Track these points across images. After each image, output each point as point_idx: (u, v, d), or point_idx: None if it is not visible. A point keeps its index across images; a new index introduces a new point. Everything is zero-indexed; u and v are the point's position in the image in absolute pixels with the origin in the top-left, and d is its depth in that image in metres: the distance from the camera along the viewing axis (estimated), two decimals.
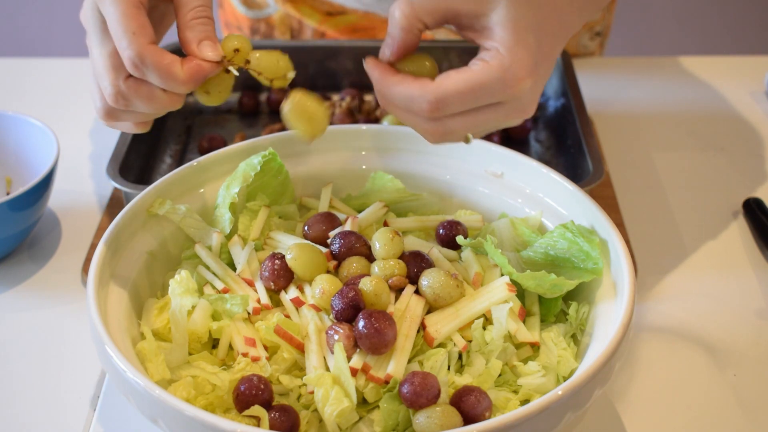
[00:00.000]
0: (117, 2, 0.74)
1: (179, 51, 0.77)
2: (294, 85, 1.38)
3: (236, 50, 0.78)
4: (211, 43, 0.77)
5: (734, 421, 0.87)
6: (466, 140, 0.79)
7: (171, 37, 0.86)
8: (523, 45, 0.74)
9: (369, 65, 0.78)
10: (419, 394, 0.72)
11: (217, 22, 1.57)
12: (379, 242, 0.84)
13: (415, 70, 0.77)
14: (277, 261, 0.83)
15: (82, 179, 1.19)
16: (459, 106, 0.74)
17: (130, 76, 0.76)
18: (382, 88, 0.77)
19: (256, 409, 0.73)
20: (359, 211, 0.93)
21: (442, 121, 0.75)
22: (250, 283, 0.84)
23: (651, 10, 2.96)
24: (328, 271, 0.84)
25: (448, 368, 0.78)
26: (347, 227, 0.87)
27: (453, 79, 0.73)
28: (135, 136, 1.14)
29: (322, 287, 0.80)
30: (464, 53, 1.30)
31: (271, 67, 0.79)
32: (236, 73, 0.78)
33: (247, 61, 0.78)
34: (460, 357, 0.79)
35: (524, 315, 0.82)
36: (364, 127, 0.97)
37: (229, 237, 0.89)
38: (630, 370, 0.91)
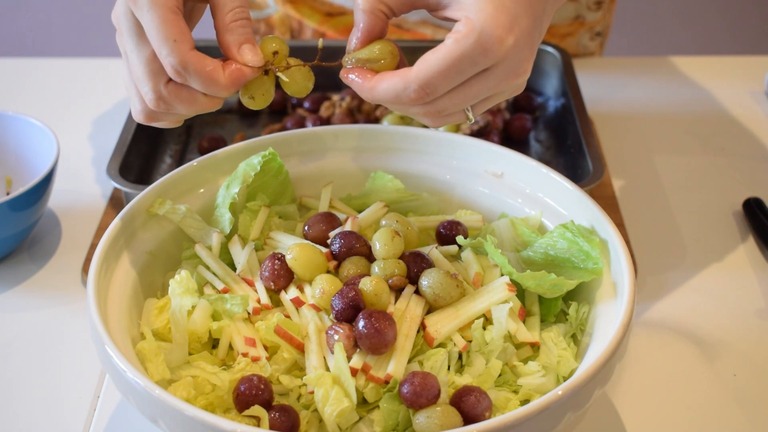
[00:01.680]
0: (155, 8, 0.73)
1: (208, 49, 0.77)
2: None
3: (275, 53, 0.77)
4: (252, 47, 0.76)
5: (734, 421, 0.87)
6: (468, 118, 0.78)
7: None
8: (493, 4, 0.71)
9: (343, 76, 0.76)
10: (419, 394, 0.72)
11: None
12: (379, 242, 0.83)
13: (372, 56, 0.75)
14: (277, 261, 0.83)
15: (82, 179, 1.19)
16: (445, 85, 0.72)
17: (170, 80, 0.75)
18: (365, 93, 0.76)
19: (256, 409, 0.73)
20: (359, 211, 0.93)
21: (434, 103, 0.74)
22: (250, 283, 0.84)
23: (651, 11, 2.96)
24: (328, 271, 0.84)
25: (448, 368, 0.78)
26: (347, 227, 0.87)
27: (430, 61, 0.72)
28: (135, 136, 1.14)
29: (322, 287, 0.80)
30: None
31: (302, 81, 0.79)
32: (284, 78, 0.78)
33: (287, 65, 0.78)
34: (460, 357, 0.79)
35: (524, 315, 0.82)
36: (364, 127, 0.97)
37: (229, 237, 0.89)
38: (630, 370, 0.91)
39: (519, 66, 0.74)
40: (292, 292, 0.83)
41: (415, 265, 0.83)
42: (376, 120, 1.23)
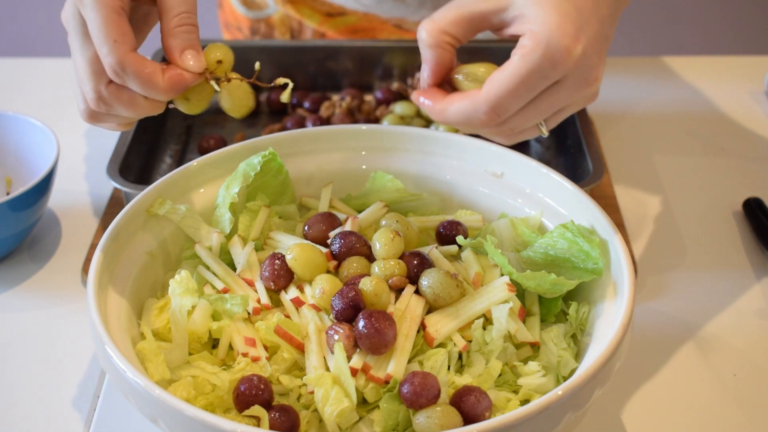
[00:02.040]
0: (98, 8, 0.73)
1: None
2: (296, 85, 1.38)
3: (219, 62, 0.77)
4: (194, 53, 0.76)
5: (734, 421, 0.87)
6: (542, 133, 0.77)
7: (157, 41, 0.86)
8: (557, 13, 0.70)
9: (416, 98, 0.76)
10: (419, 394, 0.72)
11: (217, 22, 1.57)
12: (379, 242, 0.83)
13: (470, 79, 0.75)
14: (277, 261, 0.83)
15: (82, 179, 1.19)
16: (516, 104, 0.71)
17: (111, 81, 0.75)
18: (436, 116, 0.75)
19: (256, 409, 0.73)
20: (359, 211, 0.93)
21: (508, 122, 0.73)
22: (250, 283, 0.84)
23: (651, 11, 2.96)
24: (328, 271, 0.84)
25: (448, 368, 0.78)
26: (347, 227, 0.87)
27: (499, 81, 0.70)
28: (135, 137, 1.14)
29: (322, 287, 0.80)
30: (464, 52, 1.30)
31: (241, 98, 0.79)
32: (217, 88, 0.78)
33: (228, 79, 0.78)
34: (460, 357, 0.79)
35: (524, 315, 0.82)
36: (364, 127, 0.97)
37: (229, 237, 0.89)
38: (630, 370, 0.91)
39: (589, 74, 0.73)
40: (292, 292, 0.83)
41: (415, 265, 0.83)
42: (376, 120, 1.23)
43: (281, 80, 0.79)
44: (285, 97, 0.80)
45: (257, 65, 0.80)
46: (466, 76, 0.77)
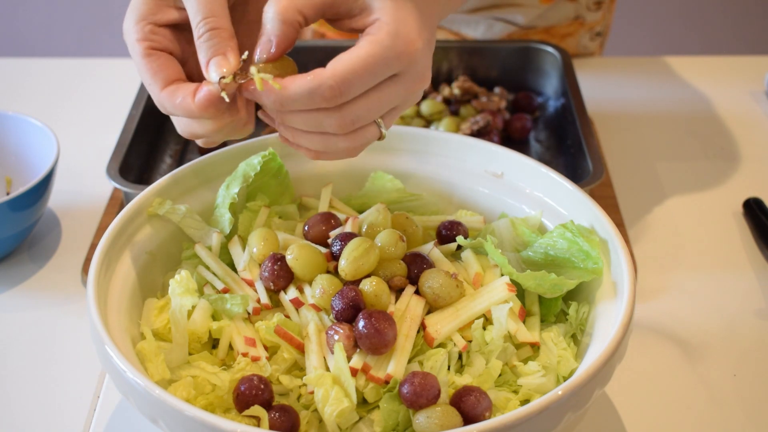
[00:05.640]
0: (132, 53, 0.74)
1: None
2: None
3: (243, 60, 0.72)
4: (217, 61, 0.71)
5: (734, 421, 0.87)
6: (381, 136, 0.76)
7: None
8: (404, 9, 0.72)
9: (247, 87, 0.72)
10: (419, 394, 0.72)
11: None
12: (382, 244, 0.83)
13: (284, 71, 0.72)
14: (277, 261, 0.83)
15: (82, 179, 1.19)
16: (360, 85, 0.71)
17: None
18: (273, 96, 0.70)
19: (256, 409, 0.73)
20: (359, 211, 0.93)
21: (348, 108, 0.72)
22: (250, 283, 0.84)
23: (651, 10, 2.96)
24: (328, 271, 0.84)
25: (448, 368, 0.78)
26: (347, 228, 0.87)
27: (346, 60, 0.70)
28: (135, 136, 1.13)
29: (322, 287, 0.80)
30: (464, 52, 1.30)
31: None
32: (227, 99, 0.71)
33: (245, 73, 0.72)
34: (460, 357, 0.79)
35: (524, 315, 0.82)
36: None
37: (229, 237, 0.89)
38: (630, 370, 0.91)
39: (424, 72, 0.75)
40: (292, 292, 0.82)
41: (415, 265, 0.83)
42: None
43: (257, 73, 0.72)
44: (258, 84, 0.76)
45: (245, 54, 0.74)
46: (263, 68, 0.74)
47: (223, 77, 0.71)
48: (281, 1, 0.72)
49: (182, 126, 0.76)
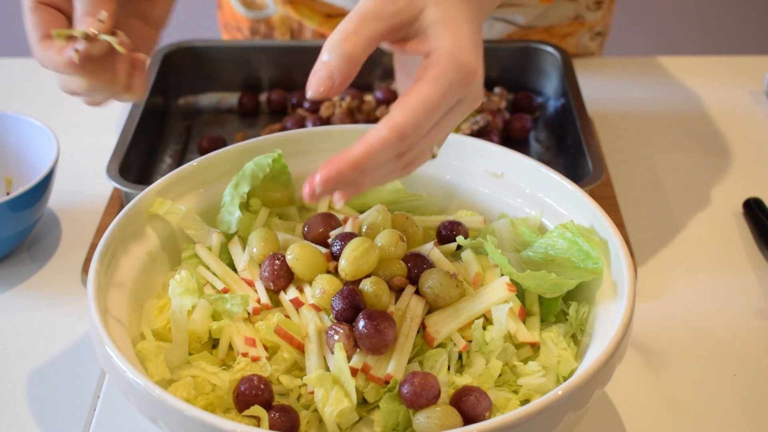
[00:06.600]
0: (23, 2, 0.79)
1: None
2: (296, 86, 1.38)
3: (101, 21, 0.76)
4: (82, 19, 0.77)
5: (734, 421, 0.87)
6: (434, 156, 0.75)
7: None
8: (463, 37, 0.70)
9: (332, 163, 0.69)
10: (419, 394, 0.72)
11: (216, 24, 1.57)
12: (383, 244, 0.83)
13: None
14: (277, 261, 0.83)
15: (82, 179, 1.19)
16: (429, 125, 0.69)
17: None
18: (362, 159, 0.68)
19: (256, 409, 0.73)
20: (360, 211, 0.93)
21: (415, 146, 0.70)
22: (250, 283, 0.84)
23: (651, 10, 2.96)
24: (328, 271, 0.84)
25: (448, 368, 0.78)
26: (347, 228, 0.87)
27: (414, 101, 0.68)
28: (135, 136, 1.13)
29: (322, 287, 0.80)
30: None
31: None
32: (75, 58, 0.76)
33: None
34: (460, 357, 0.79)
35: (524, 315, 0.82)
36: (364, 127, 0.97)
37: (228, 237, 0.89)
38: (630, 370, 0.91)
39: (480, 93, 0.73)
40: (292, 292, 0.82)
41: (415, 265, 0.83)
42: (376, 120, 1.23)
43: (106, 37, 0.77)
44: (118, 48, 0.77)
45: (102, 14, 0.77)
46: None
47: (86, 36, 0.76)
48: (352, 39, 0.69)
49: (60, 82, 0.81)
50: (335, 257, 0.84)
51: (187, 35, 1.34)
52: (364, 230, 0.87)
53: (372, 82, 1.33)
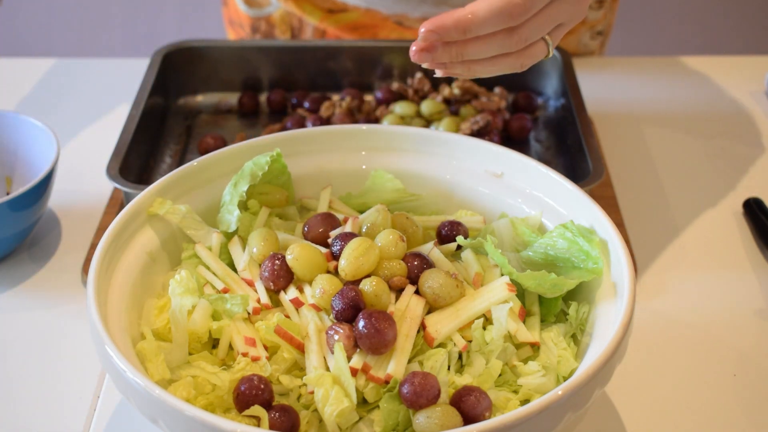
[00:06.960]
0: None
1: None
2: (296, 85, 1.38)
3: None
4: None
5: (734, 421, 0.87)
6: (549, 53, 0.79)
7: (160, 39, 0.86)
8: None
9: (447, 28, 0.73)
10: (419, 394, 0.72)
11: (221, 19, 1.58)
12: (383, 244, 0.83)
13: None
14: (277, 261, 0.83)
15: (82, 179, 1.19)
16: (540, 3, 0.74)
17: None
18: (467, 17, 0.72)
19: (256, 409, 0.73)
20: (360, 211, 0.93)
21: (526, 25, 0.74)
22: (250, 283, 0.84)
23: (652, 10, 2.96)
24: (328, 271, 0.84)
25: (448, 368, 0.78)
26: (347, 228, 0.87)
27: None
28: (135, 136, 1.13)
29: (322, 287, 0.80)
30: None
31: None
32: None
33: None
34: (460, 357, 0.79)
35: (524, 315, 0.82)
36: (364, 127, 0.97)
37: (229, 237, 0.89)
38: (630, 370, 0.91)
39: None
40: (292, 292, 0.83)
41: (415, 265, 0.83)
42: (376, 120, 1.23)
43: None
44: None
45: None
46: None
47: None
48: None
49: None
50: (335, 257, 0.84)
51: (193, 31, 1.34)
52: (364, 230, 0.87)
53: (372, 82, 1.33)
